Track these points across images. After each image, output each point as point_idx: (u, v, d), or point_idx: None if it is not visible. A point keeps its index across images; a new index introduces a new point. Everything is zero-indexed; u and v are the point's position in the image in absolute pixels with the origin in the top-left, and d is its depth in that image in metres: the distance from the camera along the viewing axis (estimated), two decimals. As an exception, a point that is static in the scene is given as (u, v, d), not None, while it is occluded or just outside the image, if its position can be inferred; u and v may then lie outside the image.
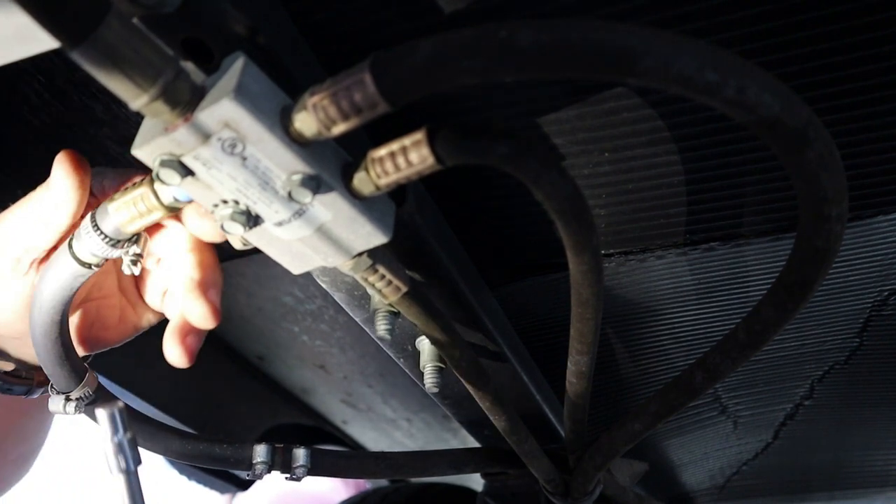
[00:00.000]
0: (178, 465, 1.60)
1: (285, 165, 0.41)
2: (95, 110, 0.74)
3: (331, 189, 0.43)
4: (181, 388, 1.26)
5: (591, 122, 0.60)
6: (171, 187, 0.46)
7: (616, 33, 0.33)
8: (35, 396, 0.66)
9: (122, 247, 0.51)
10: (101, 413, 0.44)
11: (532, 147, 0.41)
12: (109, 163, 0.79)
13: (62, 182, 0.52)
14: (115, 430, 0.44)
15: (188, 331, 0.56)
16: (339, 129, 0.39)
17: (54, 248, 0.56)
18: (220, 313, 0.55)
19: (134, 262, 0.52)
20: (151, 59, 0.37)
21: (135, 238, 0.52)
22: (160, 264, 0.61)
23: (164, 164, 0.41)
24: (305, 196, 0.42)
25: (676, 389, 0.65)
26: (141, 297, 0.63)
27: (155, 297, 0.63)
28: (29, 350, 0.61)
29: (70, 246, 0.52)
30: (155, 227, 0.57)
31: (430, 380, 0.69)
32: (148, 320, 0.64)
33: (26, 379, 0.64)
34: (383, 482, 1.71)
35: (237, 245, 0.49)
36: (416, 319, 0.57)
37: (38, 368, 0.64)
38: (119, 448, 0.44)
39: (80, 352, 0.62)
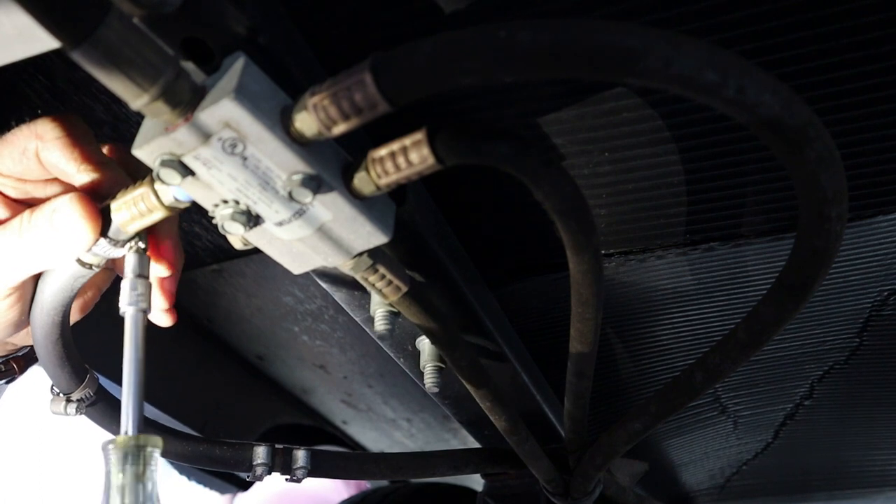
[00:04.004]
0: (178, 466, 1.60)
1: (286, 165, 0.41)
2: (96, 110, 0.74)
3: (331, 189, 0.43)
4: (181, 389, 1.26)
5: (591, 122, 0.60)
6: (172, 187, 0.45)
7: (616, 33, 0.33)
8: (15, 381, 0.65)
9: (123, 246, 0.51)
10: (129, 255, 0.51)
11: (532, 147, 0.41)
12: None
13: (79, 230, 0.48)
14: (136, 270, 0.50)
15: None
16: (340, 129, 0.39)
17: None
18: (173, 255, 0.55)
19: (141, 256, 0.52)
20: (152, 59, 0.37)
21: (135, 236, 0.52)
22: None
23: (164, 163, 0.41)
24: (306, 196, 0.42)
25: (676, 389, 0.65)
26: None
27: None
28: (6, 347, 0.61)
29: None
30: None
31: (430, 380, 0.69)
32: (106, 278, 0.62)
33: (6, 371, 0.64)
34: (383, 482, 1.70)
35: (237, 245, 0.49)
36: (416, 319, 0.57)
37: (18, 356, 0.64)
38: (134, 285, 0.50)
39: None
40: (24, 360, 0.64)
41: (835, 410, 1.23)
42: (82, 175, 0.51)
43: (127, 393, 0.47)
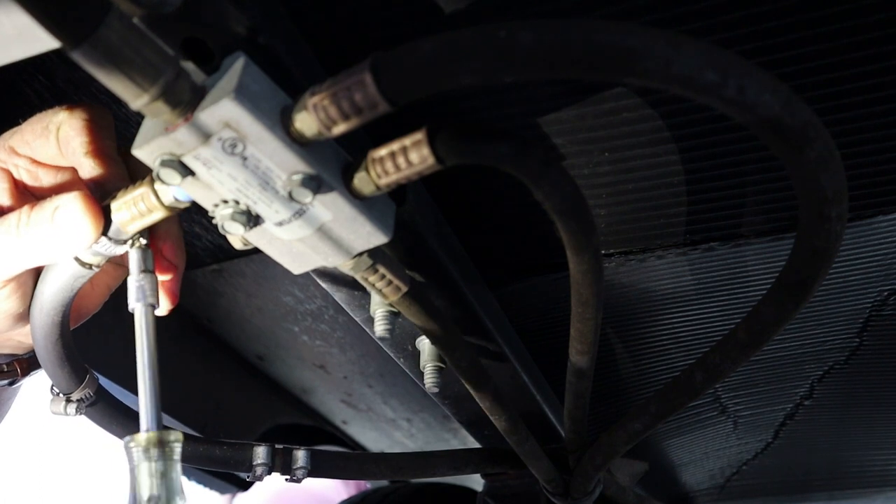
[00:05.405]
0: (178, 465, 1.59)
1: (286, 165, 0.41)
2: (95, 110, 0.74)
3: (331, 189, 0.43)
4: (181, 388, 1.26)
5: (591, 122, 0.60)
6: (172, 187, 0.45)
7: (616, 34, 0.33)
8: (19, 384, 0.66)
9: (123, 245, 0.51)
10: (133, 252, 0.51)
11: (532, 147, 0.41)
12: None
13: (81, 228, 0.48)
14: (141, 266, 0.50)
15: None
16: (340, 129, 0.39)
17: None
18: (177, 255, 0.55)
19: (144, 251, 0.52)
20: (152, 59, 0.37)
21: (136, 235, 0.51)
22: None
23: (164, 163, 0.41)
24: (306, 196, 0.42)
25: (676, 389, 0.65)
26: None
27: None
28: (10, 343, 0.61)
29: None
30: None
31: (430, 380, 0.69)
32: (116, 277, 0.62)
33: (8, 372, 0.64)
34: (383, 482, 1.70)
35: (237, 245, 0.49)
36: (416, 319, 0.57)
37: (21, 358, 0.64)
38: (140, 282, 0.50)
39: None
40: (27, 363, 0.64)
41: (835, 410, 1.23)
42: (90, 160, 0.51)
43: (143, 390, 0.47)
